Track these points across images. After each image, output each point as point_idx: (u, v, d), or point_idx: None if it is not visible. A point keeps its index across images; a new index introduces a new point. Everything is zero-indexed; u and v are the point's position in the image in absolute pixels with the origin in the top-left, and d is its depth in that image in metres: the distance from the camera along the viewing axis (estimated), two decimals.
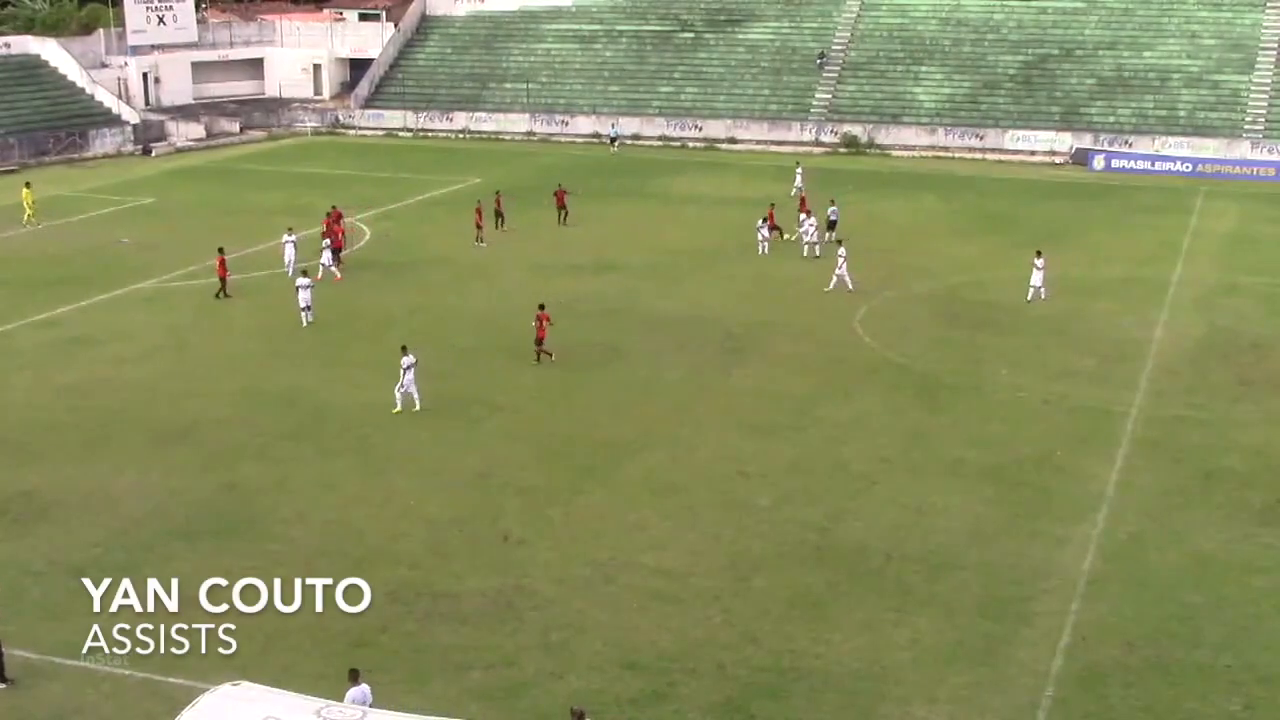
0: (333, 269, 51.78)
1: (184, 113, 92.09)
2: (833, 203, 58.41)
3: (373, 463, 34.60)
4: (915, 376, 40.90)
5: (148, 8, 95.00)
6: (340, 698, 20.88)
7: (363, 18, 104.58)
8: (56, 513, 31.67)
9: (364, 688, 21.95)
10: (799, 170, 67.23)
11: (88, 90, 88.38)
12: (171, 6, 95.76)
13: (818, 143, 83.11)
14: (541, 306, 42.21)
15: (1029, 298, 47.72)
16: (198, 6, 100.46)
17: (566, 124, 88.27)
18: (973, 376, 40.86)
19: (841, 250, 50.15)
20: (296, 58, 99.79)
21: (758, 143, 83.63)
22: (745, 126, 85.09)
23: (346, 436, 36.35)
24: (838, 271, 49.64)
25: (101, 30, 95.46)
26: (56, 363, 42.79)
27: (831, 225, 56.91)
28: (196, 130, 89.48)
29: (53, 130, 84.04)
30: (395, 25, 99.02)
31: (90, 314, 48.12)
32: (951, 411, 38.02)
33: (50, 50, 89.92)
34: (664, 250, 56.05)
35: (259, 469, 34.16)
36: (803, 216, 55.72)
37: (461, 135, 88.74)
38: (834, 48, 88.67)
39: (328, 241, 52.57)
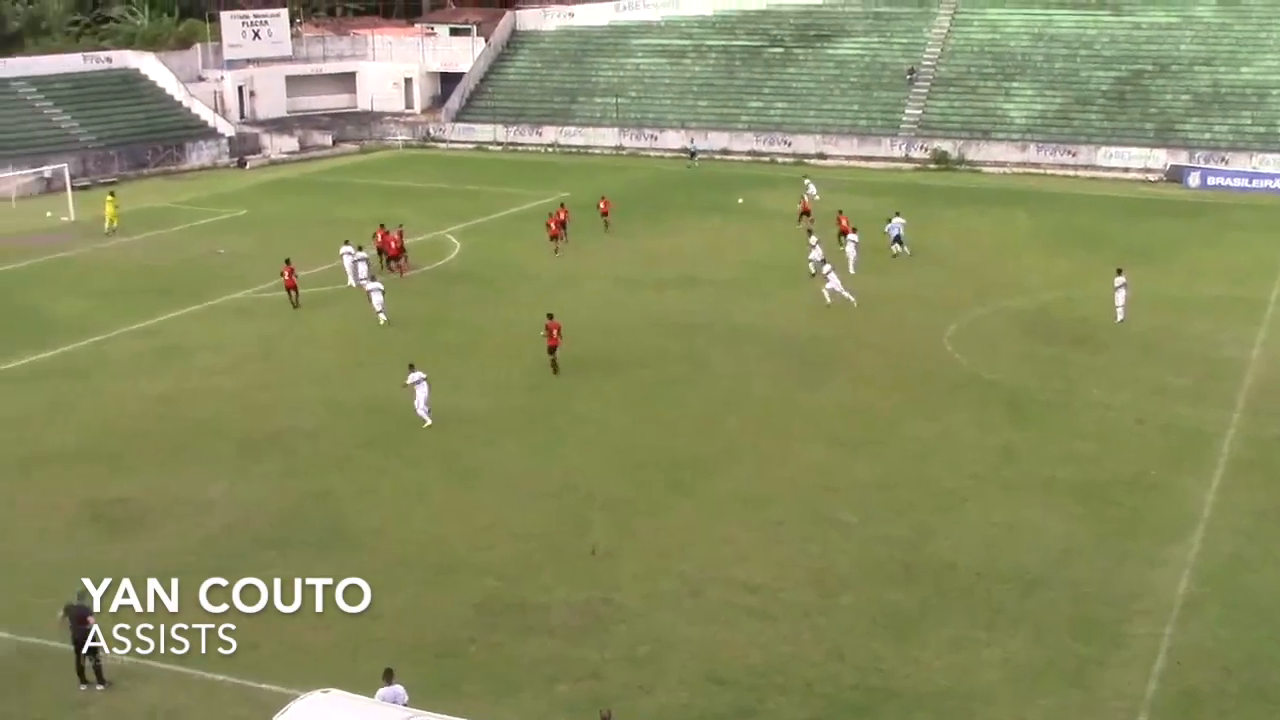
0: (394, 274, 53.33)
1: (278, 126, 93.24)
2: (897, 214, 58.14)
3: (459, 474, 34.78)
4: (1005, 393, 40.47)
5: (244, 22, 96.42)
6: (430, 708, 20.94)
7: (453, 32, 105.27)
8: (150, 519, 32.13)
9: (397, 688, 22.06)
10: (807, 182, 67.16)
11: (185, 103, 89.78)
12: (267, 21, 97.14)
13: (907, 159, 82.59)
14: (550, 316, 42.27)
15: (1119, 318, 46.99)
16: (292, 21, 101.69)
17: (655, 138, 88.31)
18: (1064, 394, 40.37)
19: (827, 266, 50.06)
20: (388, 72, 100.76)
21: (847, 158, 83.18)
22: (834, 142, 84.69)
23: (433, 447, 36.56)
24: (828, 286, 49.31)
25: (198, 45, 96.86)
26: (150, 372, 43.43)
27: (897, 240, 56.52)
28: (290, 143, 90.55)
29: (150, 143, 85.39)
30: (486, 40, 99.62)
31: (183, 324, 48.80)
32: (1042, 429, 37.58)
33: (149, 64, 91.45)
34: (751, 264, 55.92)
35: (346, 479, 34.44)
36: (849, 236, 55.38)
37: (551, 149, 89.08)
38: (924, 63, 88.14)
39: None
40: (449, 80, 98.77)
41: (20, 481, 34.55)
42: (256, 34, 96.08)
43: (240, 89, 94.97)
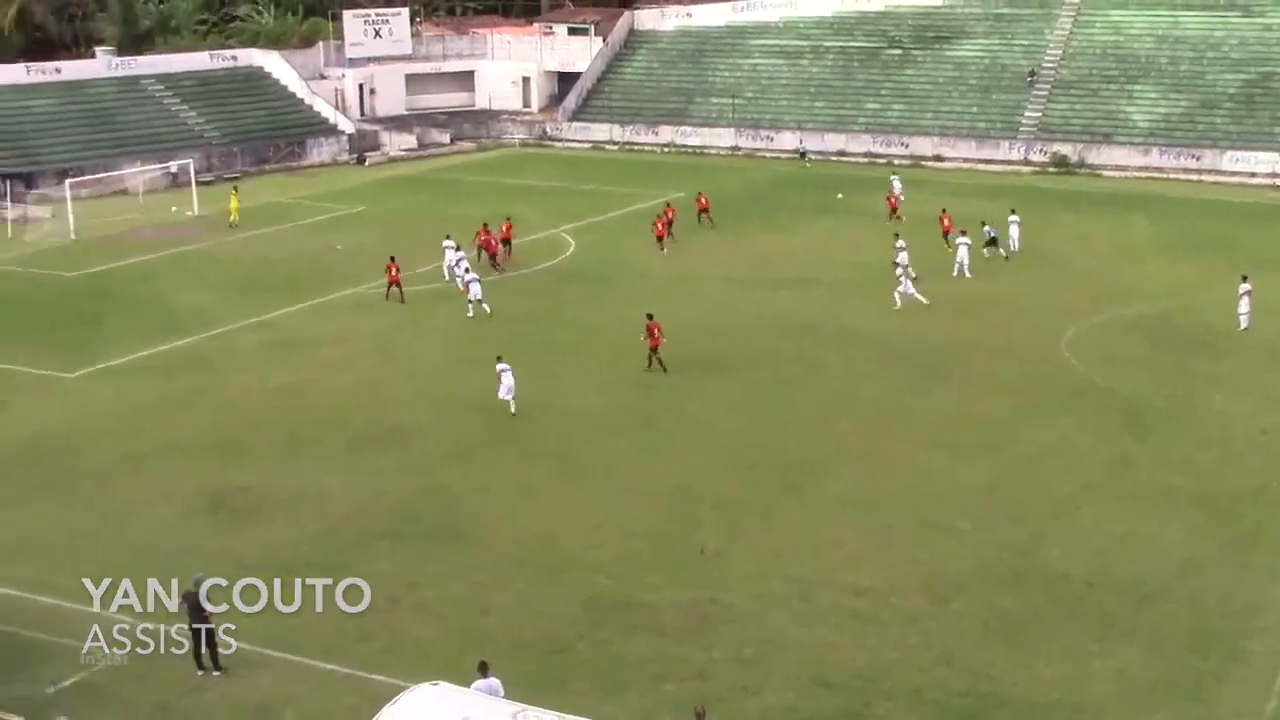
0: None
1: (397, 123, 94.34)
2: (1012, 212, 57.69)
3: (571, 471, 35.00)
4: (1123, 400, 39.86)
5: (365, 21, 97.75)
6: (537, 703, 21.07)
7: (572, 32, 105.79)
8: (268, 509, 32.73)
9: (493, 680, 22.21)
10: (894, 179, 67.74)
11: (306, 101, 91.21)
12: (388, 20, 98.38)
13: (1026, 161, 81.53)
14: (650, 316, 42.56)
15: (1242, 326, 46.07)
16: (413, 20, 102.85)
17: (771, 139, 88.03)
18: (1184, 402, 39.69)
19: (899, 270, 49.84)
20: (506, 71, 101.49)
21: (964, 161, 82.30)
22: (952, 144, 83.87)
23: (547, 445, 36.83)
24: (900, 289, 49.24)
25: (321, 43, 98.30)
26: (270, 364, 44.21)
27: (991, 242, 55.88)
28: (408, 140, 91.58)
29: (273, 139, 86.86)
30: (603, 40, 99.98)
31: (302, 318, 49.59)
32: (1161, 437, 36.97)
33: (273, 63, 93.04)
34: (864, 266, 55.56)
35: (460, 474, 34.81)
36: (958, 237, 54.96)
37: (666, 149, 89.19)
38: (1045, 65, 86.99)
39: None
40: (566, 79, 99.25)
41: (144, 469, 35.38)
42: (378, 32, 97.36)
43: (361, 87, 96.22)
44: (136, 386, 42.19)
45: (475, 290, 48.74)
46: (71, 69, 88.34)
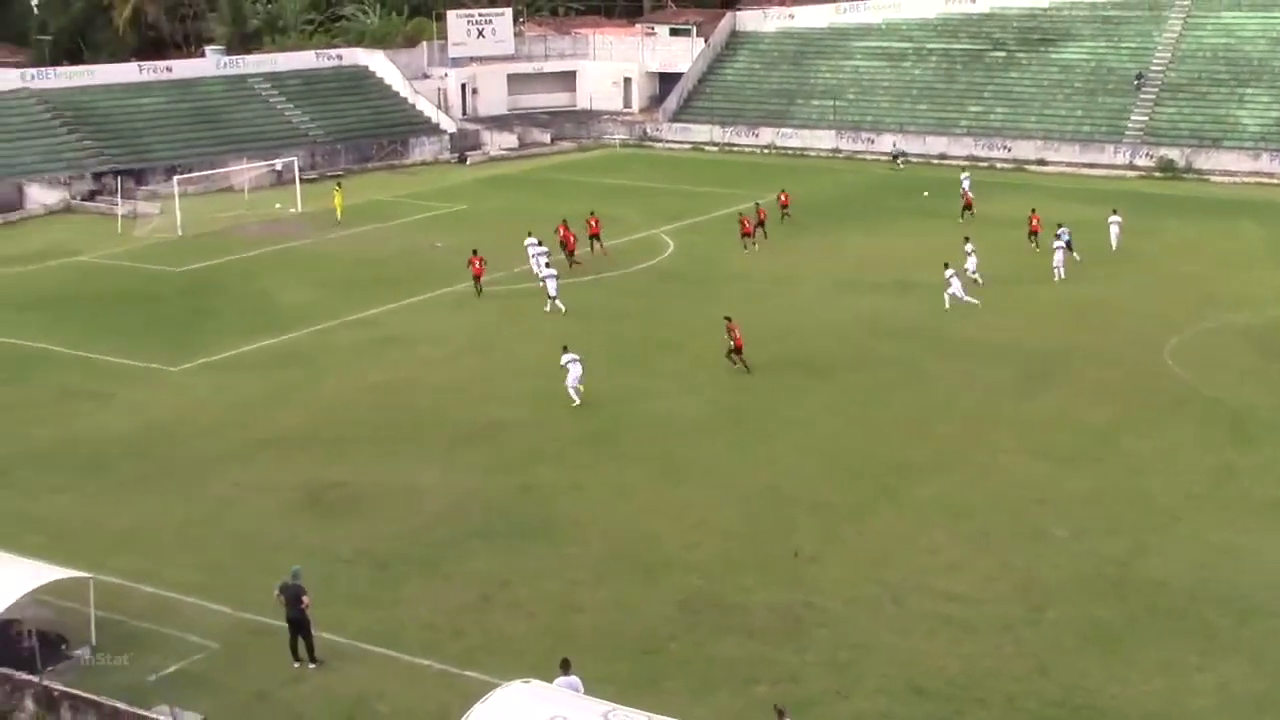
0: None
1: (498, 123, 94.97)
2: (1114, 212, 57.30)
3: (667, 472, 35.04)
4: (1228, 411, 39.15)
5: (469, 21, 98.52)
6: (628, 703, 21.15)
7: (673, 33, 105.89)
8: (365, 504, 33.10)
9: (574, 678, 22.31)
10: (964, 176, 68.22)
11: (410, 100, 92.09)
12: (491, 20, 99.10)
13: (1131, 166, 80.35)
14: (728, 318, 42.91)
15: None
16: (516, 20, 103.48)
17: (872, 141, 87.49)
18: None
19: (949, 271, 49.63)
20: (607, 71, 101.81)
21: (1068, 165, 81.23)
22: (1056, 148, 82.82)
23: (643, 444, 36.91)
24: (950, 291, 49.10)
25: (424, 43, 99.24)
26: (369, 361, 44.68)
27: (1068, 246, 55.06)
28: (510, 140, 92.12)
29: (376, 138, 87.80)
30: (705, 41, 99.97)
31: (402, 315, 50.07)
32: (1267, 449, 36.23)
33: (377, 62, 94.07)
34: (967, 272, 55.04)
35: (556, 473, 34.97)
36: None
37: (767, 150, 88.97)
38: (1153, 68, 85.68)
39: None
40: (667, 80, 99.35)
41: (245, 462, 35.92)
42: (481, 33, 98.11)
43: (463, 86, 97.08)
44: (238, 381, 42.84)
45: (551, 286, 49.23)
46: (182, 68, 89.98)
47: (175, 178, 70.51)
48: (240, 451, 36.73)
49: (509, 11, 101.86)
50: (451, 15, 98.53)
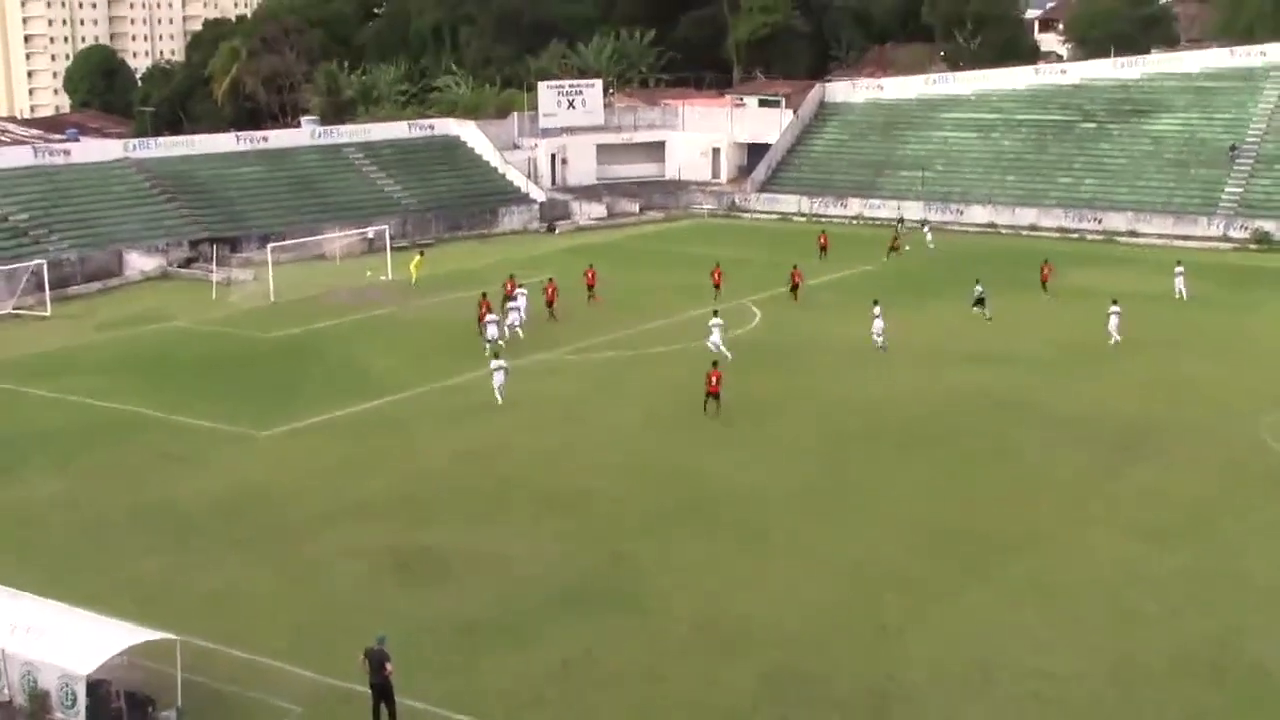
0: (518, 329, 56.53)
1: (587, 192, 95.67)
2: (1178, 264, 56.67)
3: (754, 543, 34.81)
4: None
5: (559, 92, 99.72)
6: None
7: (762, 104, 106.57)
8: (451, 571, 33.15)
9: None
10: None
11: (500, 170, 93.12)
12: (581, 91, 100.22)
13: (1225, 238, 79.41)
14: (715, 364, 46.45)
15: None
16: (606, 91, 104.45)
17: (961, 213, 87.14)
18: None
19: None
20: (696, 142, 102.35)
21: (1159, 236, 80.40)
22: (1148, 220, 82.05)
23: (730, 516, 36.71)
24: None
25: (515, 113, 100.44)
26: (458, 427, 44.90)
27: (979, 302, 57.33)
28: (598, 209, 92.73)
29: (466, 207, 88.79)
30: (794, 112, 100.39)
31: (490, 382, 50.19)
32: None
33: (469, 132, 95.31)
34: (1056, 344, 54.53)
35: (643, 543, 34.84)
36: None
37: (855, 221, 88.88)
38: (1248, 139, 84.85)
39: (511, 303, 58.11)
40: (756, 151, 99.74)
41: (333, 527, 36.13)
42: (571, 103, 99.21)
43: (553, 156, 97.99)
44: (327, 446, 43.19)
45: (492, 332, 53.00)
46: (278, 138, 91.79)
47: (269, 245, 71.62)
48: (328, 516, 36.97)
49: (599, 83, 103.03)
50: (543, 86, 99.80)
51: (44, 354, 56.52)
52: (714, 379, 45.25)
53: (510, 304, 57.96)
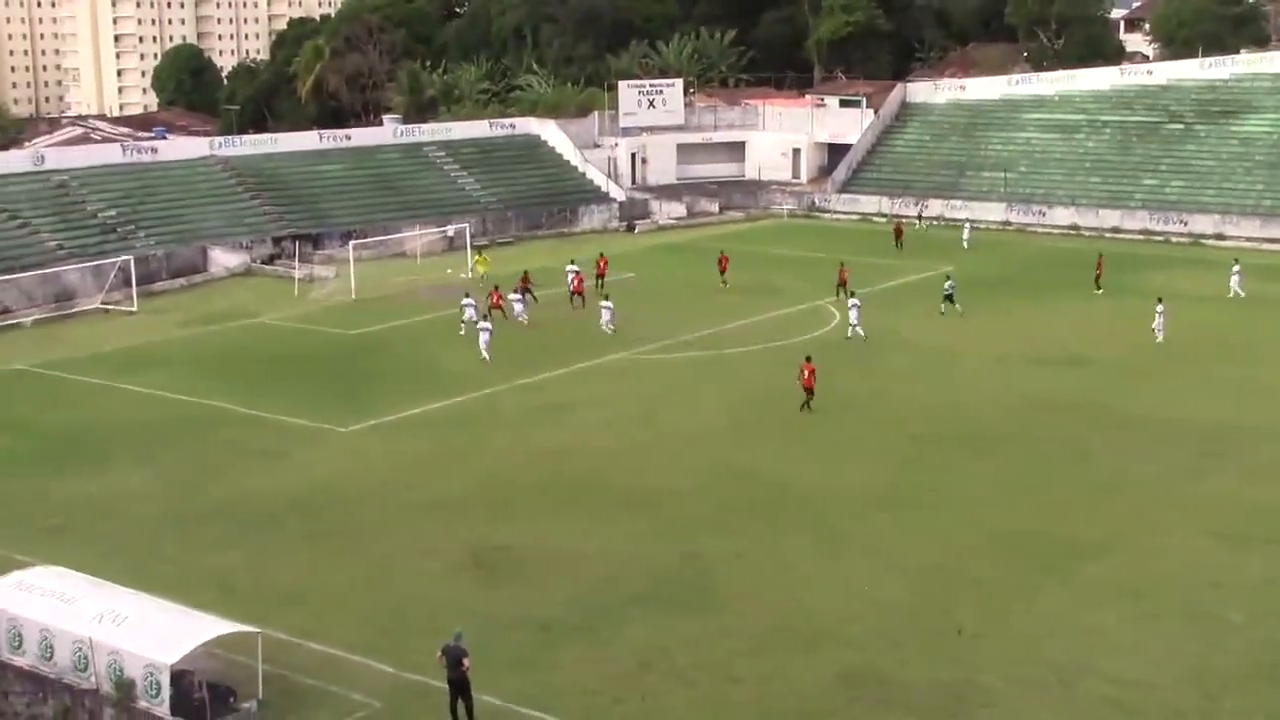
0: (521, 318, 59.17)
1: (667, 192, 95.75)
2: (1235, 261, 58.49)
3: (828, 544, 34.77)
4: None
5: (640, 92, 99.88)
6: None
7: (843, 104, 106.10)
8: (527, 568, 33.35)
9: None
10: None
11: (580, 169, 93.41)
12: (662, 91, 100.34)
13: None
14: (808, 359, 45.73)
15: None
16: (686, 91, 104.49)
17: (1044, 214, 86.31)
18: None
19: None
20: (776, 142, 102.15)
21: (1247, 240, 79.16)
22: (1235, 223, 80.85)
23: (804, 516, 36.67)
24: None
25: (596, 113, 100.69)
26: (535, 426, 45.14)
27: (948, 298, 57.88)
28: (678, 209, 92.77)
29: (546, 206, 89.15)
30: (875, 112, 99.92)
31: (566, 381, 50.53)
32: None
33: (549, 131, 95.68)
34: (1137, 346, 53.99)
35: (717, 542, 34.88)
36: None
37: (936, 222, 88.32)
38: None
39: (515, 295, 60.32)
40: (836, 151, 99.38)
41: (411, 523, 36.46)
42: (651, 103, 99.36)
43: (633, 155, 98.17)
44: (406, 443, 43.58)
45: (483, 339, 53.08)
46: (360, 136, 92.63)
47: (351, 242, 72.36)
48: (407, 512, 37.32)
49: (680, 82, 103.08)
50: (623, 85, 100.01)
51: (130, 349, 57.43)
52: (807, 372, 45.28)
53: (513, 296, 60.05)
